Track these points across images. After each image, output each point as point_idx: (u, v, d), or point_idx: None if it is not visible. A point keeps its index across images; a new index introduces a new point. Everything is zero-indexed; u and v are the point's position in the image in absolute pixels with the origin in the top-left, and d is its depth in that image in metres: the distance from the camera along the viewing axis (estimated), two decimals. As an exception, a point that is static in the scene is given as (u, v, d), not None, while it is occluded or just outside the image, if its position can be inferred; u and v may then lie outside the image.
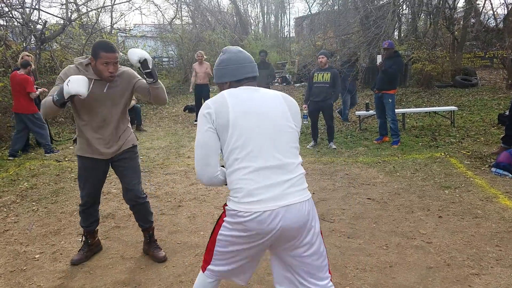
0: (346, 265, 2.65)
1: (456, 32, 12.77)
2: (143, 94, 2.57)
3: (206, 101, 1.68)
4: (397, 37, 13.32)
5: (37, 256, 2.91)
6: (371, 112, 7.62)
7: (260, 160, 1.56)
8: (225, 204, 1.64)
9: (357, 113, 7.96)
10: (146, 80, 2.44)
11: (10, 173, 5.22)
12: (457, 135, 6.50)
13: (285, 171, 1.58)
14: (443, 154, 5.46)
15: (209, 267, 1.69)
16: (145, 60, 2.33)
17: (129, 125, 2.75)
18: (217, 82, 1.78)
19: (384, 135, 6.44)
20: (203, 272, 1.73)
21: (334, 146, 6.22)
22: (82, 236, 2.83)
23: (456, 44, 12.61)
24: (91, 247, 2.84)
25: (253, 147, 1.57)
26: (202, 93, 8.72)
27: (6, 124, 7.41)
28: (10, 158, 5.98)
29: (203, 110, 1.63)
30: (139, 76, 2.66)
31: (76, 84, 2.15)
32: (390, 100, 6.03)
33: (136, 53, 2.33)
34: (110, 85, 2.48)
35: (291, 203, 1.55)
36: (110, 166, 2.70)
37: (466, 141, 6.08)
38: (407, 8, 12.57)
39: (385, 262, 2.67)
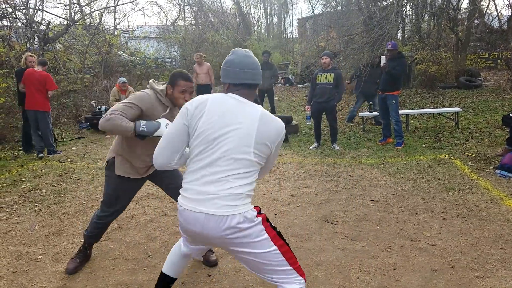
0: (350, 267, 2.63)
1: (460, 33, 12.72)
2: None
3: (194, 98, 1.75)
4: (400, 38, 13.28)
5: (39, 257, 2.90)
6: (375, 113, 7.60)
7: (207, 169, 1.63)
8: None
9: (361, 114, 7.94)
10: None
11: (13, 173, 5.23)
12: (461, 137, 6.46)
13: (223, 186, 1.61)
14: (447, 155, 5.43)
15: (181, 238, 2.01)
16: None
17: None
18: (221, 80, 1.83)
19: (387, 136, 6.41)
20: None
21: (337, 147, 6.19)
22: (81, 246, 2.79)
23: (460, 45, 12.55)
24: (88, 256, 2.81)
25: (208, 156, 1.64)
26: (204, 94, 8.62)
27: (9, 125, 7.42)
28: (41, 155, 6.00)
29: (186, 104, 1.73)
30: None
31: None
32: (394, 101, 6.01)
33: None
34: (171, 113, 2.50)
35: (211, 213, 1.58)
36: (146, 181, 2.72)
37: (470, 143, 6.04)
38: (410, 9, 12.50)
39: (388, 265, 2.65)
